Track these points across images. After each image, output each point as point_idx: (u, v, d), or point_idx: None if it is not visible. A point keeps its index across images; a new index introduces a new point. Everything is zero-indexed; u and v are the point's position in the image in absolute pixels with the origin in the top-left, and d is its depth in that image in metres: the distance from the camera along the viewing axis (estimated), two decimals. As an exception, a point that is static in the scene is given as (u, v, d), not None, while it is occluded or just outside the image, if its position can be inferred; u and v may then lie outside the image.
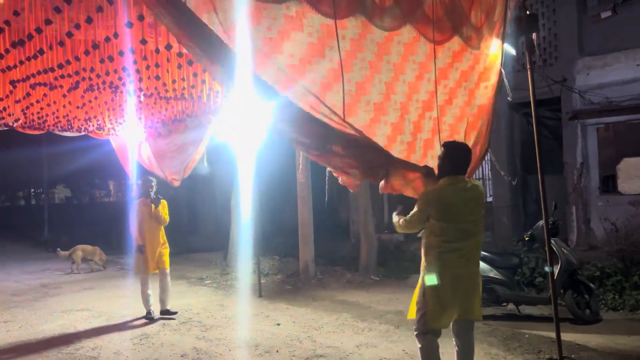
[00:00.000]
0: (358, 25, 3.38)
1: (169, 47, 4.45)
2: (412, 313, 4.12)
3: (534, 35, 5.32)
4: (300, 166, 10.39)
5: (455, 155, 3.86)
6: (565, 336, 5.39)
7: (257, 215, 9.78)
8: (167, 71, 5.55)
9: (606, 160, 10.27)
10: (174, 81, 5.81)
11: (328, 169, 7.05)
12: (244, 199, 10.90)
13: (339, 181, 6.88)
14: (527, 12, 5.23)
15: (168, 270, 7.45)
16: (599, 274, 7.59)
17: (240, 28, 2.96)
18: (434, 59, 3.94)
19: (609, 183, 10.30)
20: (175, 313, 7.42)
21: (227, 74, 2.95)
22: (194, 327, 6.84)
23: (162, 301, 7.44)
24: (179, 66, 5.41)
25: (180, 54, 4.97)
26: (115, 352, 5.84)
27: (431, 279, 3.84)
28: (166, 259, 7.44)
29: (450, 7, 3.90)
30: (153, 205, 7.32)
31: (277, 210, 15.26)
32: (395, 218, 4.19)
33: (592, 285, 6.68)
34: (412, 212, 3.97)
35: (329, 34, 3.24)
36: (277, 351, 5.68)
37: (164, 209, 7.46)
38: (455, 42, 4.11)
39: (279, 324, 6.83)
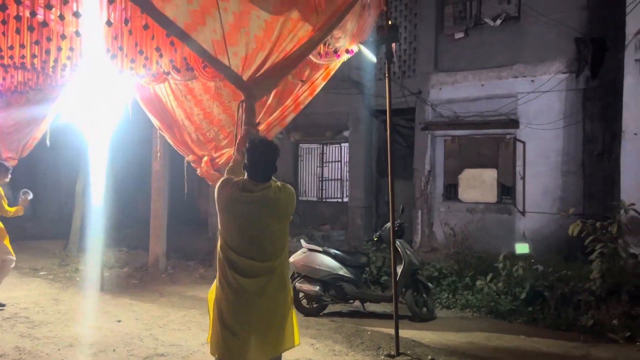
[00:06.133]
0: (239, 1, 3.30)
1: (3, 7, 3.90)
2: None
3: (393, 45, 5.57)
4: (158, 154, 9.86)
5: (256, 158, 3.17)
6: (403, 333, 5.70)
7: (106, 203, 9.07)
8: (3, 34, 4.89)
9: (450, 170, 11.18)
10: (11, 47, 5.14)
11: (186, 159, 6.81)
12: (91, 185, 10.07)
13: (198, 173, 6.66)
14: (389, 22, 5.45)
15: None
16: (437, 274, 8.17)
17: None
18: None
19: (451, 190, 11.23)
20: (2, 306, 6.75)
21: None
22: (19, 323, 6.13)
23: None
24: (17, 30, 4.79)
25: (18, 17, 4.38)
26: None
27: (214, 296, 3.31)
28: None
29: None
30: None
31: (129, 200, 14.42)
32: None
33: (430, 285, 7.17)
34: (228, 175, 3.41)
35: (211, 3, 3.12)
36: (114, 350, 5.28)
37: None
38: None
39: (119, 321, 6.38)
